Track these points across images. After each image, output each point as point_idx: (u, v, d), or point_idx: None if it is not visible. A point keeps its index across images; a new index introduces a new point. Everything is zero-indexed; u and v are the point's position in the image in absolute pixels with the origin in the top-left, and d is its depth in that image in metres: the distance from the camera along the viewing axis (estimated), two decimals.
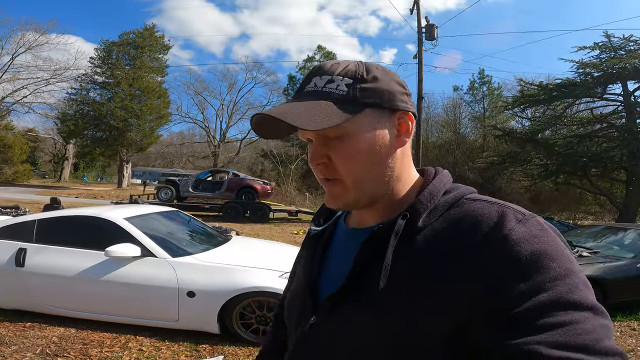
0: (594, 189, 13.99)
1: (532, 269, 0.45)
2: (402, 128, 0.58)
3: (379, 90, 0.56)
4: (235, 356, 2.99)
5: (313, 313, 0.61)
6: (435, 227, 0.53)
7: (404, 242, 0.54)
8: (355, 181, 0.57)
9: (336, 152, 0.56)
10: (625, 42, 12.52)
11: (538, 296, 0.43)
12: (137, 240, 3.28)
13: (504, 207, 0.52)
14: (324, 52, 32.58)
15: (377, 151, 0.56)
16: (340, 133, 0.55)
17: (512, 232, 0.48)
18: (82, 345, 2.93)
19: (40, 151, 47.29)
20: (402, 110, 0.58)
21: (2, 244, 3.43)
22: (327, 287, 0.62)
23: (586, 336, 0.41)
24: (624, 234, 5.75)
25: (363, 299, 0.55)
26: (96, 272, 3.20)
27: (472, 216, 0.52)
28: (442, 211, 0.55)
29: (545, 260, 0.45)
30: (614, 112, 13.47)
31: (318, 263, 0.67)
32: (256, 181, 14.22)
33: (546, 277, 0.44)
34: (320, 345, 0.59)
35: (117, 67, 27.06)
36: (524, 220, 0.50)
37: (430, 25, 14.30)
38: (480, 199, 0.56)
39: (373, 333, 0.52)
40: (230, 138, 42.38)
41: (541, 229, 0.49)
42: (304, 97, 0.56)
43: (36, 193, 20.35)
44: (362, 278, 0.56)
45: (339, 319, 0.57)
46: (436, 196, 0.57)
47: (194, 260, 3.30)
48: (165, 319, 3.20)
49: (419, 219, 0.55)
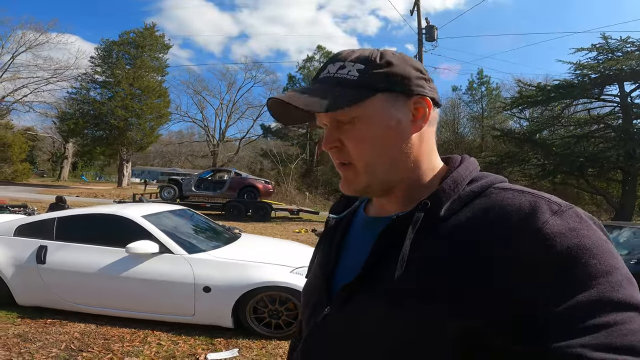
0: (591, 188, 14.19)
1: (570, 266, 0.42)
2: (419, 113, 0.57)
3: (392, 74, 0.55)
4: (249, 349, 3.12)
5: (327, 303, 0.59)
6: (459, 218, 0.51)
7: (424, 232, 0.51)
8: (366, 165, 0.57)
9: (348, 136, 0.56)
10: (622, 43, 12.70)
11: (578, 296, 0.40)
12: (154, 238, 3.41)
13: (537, 197, 0.48)
14: (324, 52, 32.66)
15: (389, 135, 0.56)
16: (351, 117, 0.55)
17: (546, 224, 0.44)
18: (103, 341, 3.05)
19: (38, 150, 47.21)
20: (418, 94, 0.56)
21: (23, 241, 3.55)
22: (343, 277, 0.60)
23: (632, 337, 0.39)
24: (619, 232, 5.92)
25: (378, 290, 0.53)
26: (115, 268, 3.33)
27: (500, 207, 0.49)
28: (467, 201, 0.52)
29: (585, 256, 0.42)
30: (611, 113, 13.67)
31: (335, 252, 0.66)
32: (258, 180, 14.37)
33: (586, 274, 0.41)
34: (333, 335, 0.57)
35: (118, 66, 27.12)
36: (559, 211, 0.46)
37: (430, 26, 14.47)
38: (511, 188, 0.52)
39: (386, 325, 0.51)
40: (229, 137, 42.48)
41: (580, 221, 0.45)
42: (317, 83, 0.58)
43: (37, 192, 20.40)
44: (378, 269, 0.54)
45: (353, 310, 0.55)
46: (460, 184, 0.55)
47: (208, 257, 3.44)
48: (182, 313, 3.34)
49: (440, 208, 0.52)
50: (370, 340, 0.52)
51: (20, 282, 3.48)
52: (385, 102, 0.55)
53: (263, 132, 36.28)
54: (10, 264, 3.48)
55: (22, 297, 3.52)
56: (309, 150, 30.75)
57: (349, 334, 0.55)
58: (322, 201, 22.77)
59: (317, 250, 0.73)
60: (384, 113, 0.55)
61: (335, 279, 0.62)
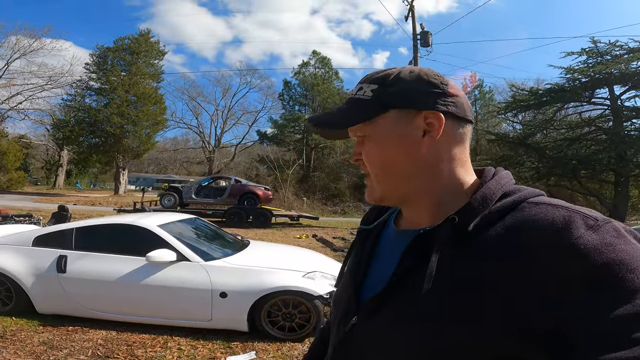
0: (584, 190, 14.44)
1: (605, 282, 0.41)
2: (432, 127, 0.57)
3: (402, 91, 0.58)
4: (265, 351, 3.25)
5: (355, 314, 0.60)
6: (489, 234, 0.50)
7: (452, 247, 0.52)
8: (377, 177, 0.61)
9: (364, 151, 0.62)
10: (610, 47, 12.99)
11: (614, 311, 0.40)
12: (171, 246, 3.54)
13: (572, 212, 0.48)
14: (319, 57, 32.91)
15: (398, 150, 0.58)
16: (364, 133, 0.61)
17: (580, 239, 0.44)
18: (127, 347, 3.17)
19: (32, 158, 46.83)
20: (429, 109, 0.57)
21: (43, 251, 3.66)
22: (371, 289, 0.61)
23: None
24: None
25: (404, 304, 0.54)
26: (135, 276, 3.45)
27: (532, 222, 0.48)
28: (499, 216, 0.52)
29: (622, 272, 0.41)
30: (602, 116, 13.96)
31: (365, 263, 0.67)
32: (258, 187, 14.50)
33: (623, 289, 0.41)
34: (360, 346, 0.59)
35: (113, 72, 27.10)
36: (596, 226, 0.45)
37: (425, 32, 14.73)
38: (545, 203, 0.51)
39: (411, 341, 0.51)
40: (225, 143, 42.54)
41: (618, 236, 0.44)
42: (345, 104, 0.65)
43: (34, 200, 20.32)
44: (405, 283, 0.55)
45: (378, 323, 0.56)
46: (490, 199, 0.54)
47: (224, 264, 3.57)
48: (199, 319, 3.46)
49: (469, 223, 0.52)
50: (394, 353, 0.53)
51: (41, 291, 3.59)
52: (395, 119, 0.58)
53: (259, 138, 36.41)
54: (30, 274, 3.59)
55: (42, 306, 3.63)
56: (305, 156, 30.89)
57: (374, 345, 0.56)
58: (320, 206, 22.89)
59: (346, 260, 0.74)
60: (393, 129, 0.58)
61: (364, 289, 0.63)
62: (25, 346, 3.08)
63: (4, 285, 3.66)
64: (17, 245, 3.74)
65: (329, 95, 30.87)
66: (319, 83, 31.37)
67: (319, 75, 32.32)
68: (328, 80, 32.60)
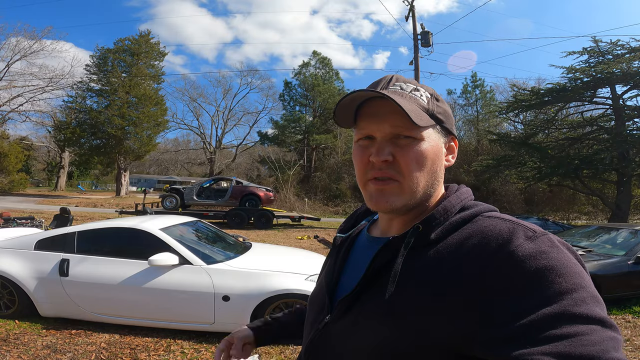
0: (587, 189, 14.42)
1: (537, 284, 0.46)
2: (451, 150, 0.67)
3: (446, 112, 0.65)
4: (268, 354, 3.24)
5: (329, 312, 0.66)
6: (448, 242, 0.56)
7: (416, 253, 0.57)
8: (412, 183, 0.60)
9: (404, 153, 0.59)
10: (612, 46, 12.98)
11: (543, 309, 0.44)
12: (173, 250, 3.53)
13: (515, 225, 0.54)
14: (319, 58, 32.90)
15: (434, 162, 0.62)
16: (415, 136, 0.59)
17: (519, 248, 0.49)
18: (130, 350, 3.16)
19: (33, 159, 46.96)
20: (453, 134, 0.67)
21: (45, 255, 3.66)
22: (343, 291, 0.66)
23: (592, 347, 0.41)
24: (616, 233, 6.11)
25: (371, 304, 0.59)
26: (137, 280, 3.45)
27: (482, 232, 0.55)
28: (457, 227, 0.58)
29: (552, 276, 0.46)
30: (603, 115, 13.94)
31: (339, 268, 0.72)
32: (259, 188, 14.49)
33: (551, 291, 0.45)
34: (331, 344, 0.64)
35: (113, 74, 27.11)
36: (533, 237, 0.51)
37: (426, 32, 14.73)
38: (496, 217, 0.58)
39: (378, 338, 0.56)
40: (225, 144, 42.60)
41: (551, 246, 0.50)
42: (393, 94, 0.59)
43: (36, 202, 20.35)
44: (374, 285, 0.60)
45: (349, 321, 0.61)
46: (450, 211, 0.60)
47: (226, 267, 3.57)
48: (202, 322, 3.45)
49: (431, 232, 0.58)
50: (363, 349, 0.58)
51: (44, 295, 3.58)
52: (438, 132, 0.63)
53: (260, 139, 36.44)
54: (32, 277, 3.59)
55: (45, 309, 3.63)
56: (306, 156, 30.89)
57: (345, 341, 0.61)
58: (322, 207, 22.89)
59: (325, 264, 0.81)
60: (436, 141, 0.63)
61: (338, 290, 0.69)
62: (29, 350, 3.08)
63: (6, 289, 3.66)
64: (19, 249, 3.73)
65: (330, 95, 30.87)
66: (319, 83, 31.36)
67: (319, 75, 32.31)
68: (329, 81, 32.59)
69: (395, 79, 0.65)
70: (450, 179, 0.83)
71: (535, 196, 20.49)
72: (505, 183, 20.07)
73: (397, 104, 0.56)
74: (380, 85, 0.64)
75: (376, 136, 0.61)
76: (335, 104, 4.42)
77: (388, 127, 0.59)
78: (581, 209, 19.09)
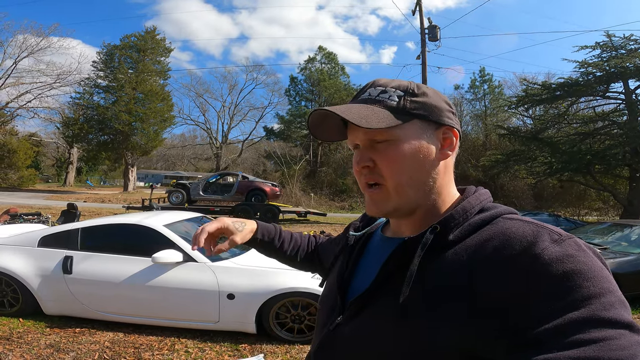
0: (598, 185, 14.17)
1: (564, 288, 0.45)
2: (446, 142, 0.62)
3: (427, 104, 0.61)
4: (273, 354, 3.18)
5: (340, 313, 0.64)
6: (467, 243, 0.54)
7: (433, 254, 0.55)
8: (397, 185, 0.59)
9: (382, 156, 0.60)
10: (625, 41, 12.70)
11: (570, 314, 0.43)
12: (177, 246, 3.47)
13: (539, 227, 0.52)
14: (325, 53, 32.66)
15: (420, 159, 0.59)
16: (387, 137, 0.59)
17: (545, 251, 0.48)
18: (134, 349, 3.11)
19: (42, 155, 47.46)
20: (447, 125, 0.62)
21: (48, 252, 3.62)
22: (355, 291, 0.65)
23: (621, 352, 0.40)
24: (630, 230, 5.94)
25: (385, 305, 0.57)
26: (141, 277, 3.39)
27: (504, 234, 0.52)
28: (476, 228, 0.56)
29: (579, 280, 0.45)
30: (616, 110, 13.66)
31: (352, 267, 0.70)
32: (265, 183, 14.43)
33: (579, 295, 0.44)
34: (342, 345, 0.62)
35: (120, 70, 27.22)
36: (559, 240, 0.49)
37: (433, 26, 14.49)
38: (518, 219, 0.56)
39: (391, 340, 0.54)
40: (232, 139, 42.67)
41: (578, 249, 0.48)
42: (358, 103, 0.62)
43: (44, 198, 20.56)
44: (387, 285, 0.58)
45: (361, 323, 0.60)
46: (469, 212, 0.58)
47: (231, 264, 3.49)
48: (206, 320, 3.39)
49: (449, 233, 0.56)
50: (375, 351, 0.56)
51: (47, 292, 3.54)
52: (419, 128, 0.60)
53: (266, 134, 36.39)
54: (36, 275, 3.55)
55: (49, 307, 3.59)
56: (312, 151, 30.79)
57: (357, 343, 0.59)
58: (328, 202, 22.81)
59: (334, 263, 0.78)
60: (418, 138, 0.60)
61: (350, 291, 0.67)
62: (32, 349, 3.04)
63: (10, 287, 3.63)
64: (22, 246, 3.70)
65: (335, 90, 30.67)
66: (325, 78, 31.16)
67: (325, 70, 32.09)
68: (334, 76, 32.36)
69: (370, 85, 0.65)
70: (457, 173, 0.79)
71: (544, 192, 20.21)
72: (514, 178, 19.81)
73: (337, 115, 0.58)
74: (355, 95, 0.66)
75: (359, 144, 0.62)
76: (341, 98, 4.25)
77: (361, 134, 0.61)
78: (591, 205, 18.81)
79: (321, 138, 0.69)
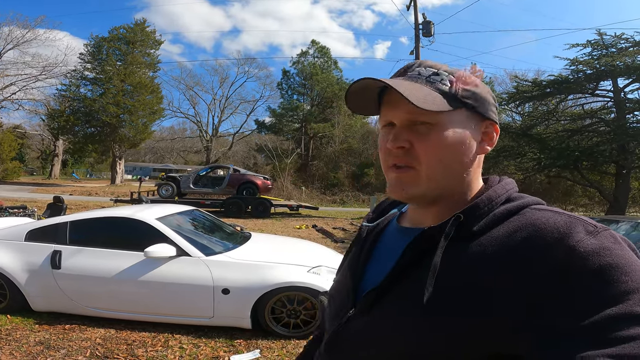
0: (585, 181, 14.41)
1: (602, 282, 0.43)
2: (487, 137, 0.61)
3: (478, 95, 0.59)
4: (269, 349, 3.14)
5: (352, 306, 0.61)
6: (493, 234, 0.52)
7: (456, 245, 0.53)
8: (432, 172, 0.57)
9: (421, 139, 0.57)
10: (616, 39, 12.85)
11: (607, 310, 0.41)
12: (170, 240, 3.40)
13: (573, 218, 0.50)
14: (318, 47, 32.41)
15: (460, 150, 0.57)
16: (432, 121, 0.56)
17: (581, 243, 0.45)
18: (126, 346, 3.04)
19: (27, 148, 46.38)
20: (490, 119, 0.60)
21: (36, 246, 3.51)
22: (369, 283, 0.61)
23: None
24: (617, 226, 6.03)
25: (404, 297, 0.54)
26: (133, 272, 3.32)
27: (534, 225, 0.50)
28: (502, 218, 0.53)
29: (617, 274, 0.43)
30: (604, 108, 13.87)
31: (365, 258, 0.67)
32: (257, 177, 14.30)
33: (617, 290, 0.42)
34: (354, 339, 0.59)
35: (108, 62, 26.66)
36: (595, 232, 0.47)
37: (427, 22, 14.49)
38: (548, 209, 0.53)
39: (409, 335, 0.52)
40: (222, 132, 42.28)
41: (615, 242, 0.46)
42: (409, 79, 0.59)
43: (30, 191, 20.12)
44: (405, 278, 0.55)
45: (376, 316, 0.57)
46: (495, 202, 0.56)
47: (226, 259, 3.44)
48: (201, 316, 3.34)
49: (474, 223, 0.54)
50: (389, 346, 0.53)
51: (35, 288, 3.44)
52: (465, 118, 0.58)
53: (257, 127, 36.11)
54: (23, 270, 3.44)
55: (37, 303, 3.49)
56: (304, 145, 30.67)
57: (370, 337, 0.57)
58: (319, 196, 22.77)
59: (347, 255, 0.75)
60: (463, 127, 0.57)
61: (363, 284, 0.64)
62: (21, 346, 2.95)
63: None
64: (9, 240, 3.58)
65: (328, 84, 30.53)
66: (317, 72, 30.97)
67: (317, 64, 31.88)
68: (327, 70, 32.18)
69: (418, 64, 0.62)
70: None
71: (532, 187, 20.50)
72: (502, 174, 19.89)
73: (395, 89, 0.53)
74: (401, 71, 0.62)
75: (395, 122, 0.59)
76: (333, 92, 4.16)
77: (403, 113, 0.57)
78: (578, 201, 19.13)
79: (354, 108, 0.65)
